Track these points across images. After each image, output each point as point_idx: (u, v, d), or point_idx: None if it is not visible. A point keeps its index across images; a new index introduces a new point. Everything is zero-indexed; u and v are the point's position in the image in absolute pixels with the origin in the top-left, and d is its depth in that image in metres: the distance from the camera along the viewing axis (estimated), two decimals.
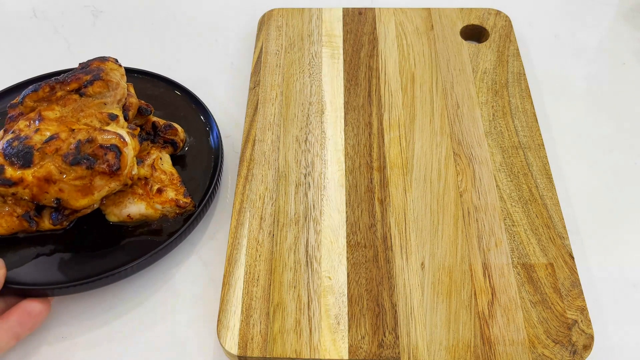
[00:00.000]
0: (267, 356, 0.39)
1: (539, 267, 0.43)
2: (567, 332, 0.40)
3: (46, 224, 0.44)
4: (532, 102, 0.53)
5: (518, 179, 0.48)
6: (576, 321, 0.41)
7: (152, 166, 0.48)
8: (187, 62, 0.58)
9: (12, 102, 0.47)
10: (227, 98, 0.54)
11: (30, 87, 0.46)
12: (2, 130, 0.46)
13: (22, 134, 0.43)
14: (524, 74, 0.55)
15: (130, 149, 0.43)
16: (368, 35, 0.59)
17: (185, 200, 0.46)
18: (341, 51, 0.57)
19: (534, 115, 0.52)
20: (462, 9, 0.61)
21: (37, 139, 0.42)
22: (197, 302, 0.45)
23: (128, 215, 0.45)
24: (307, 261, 0.44)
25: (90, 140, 0.42)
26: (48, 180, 0.41)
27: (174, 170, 0.49)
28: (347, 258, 0.44)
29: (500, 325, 0.40)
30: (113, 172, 0.42)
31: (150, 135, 0.50)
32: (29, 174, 0.41)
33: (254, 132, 0.51)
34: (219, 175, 0.49)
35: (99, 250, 0.44)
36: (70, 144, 0.42)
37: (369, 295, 0.42)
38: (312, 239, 0.45)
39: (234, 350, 0.40)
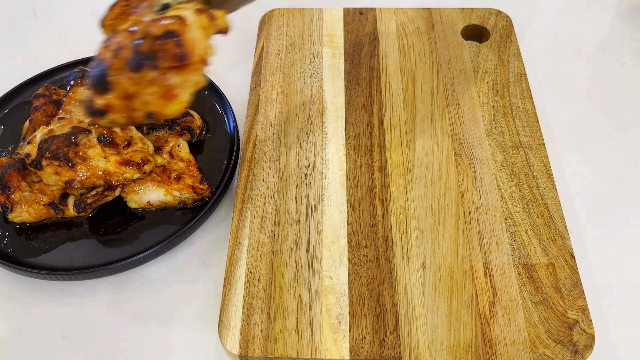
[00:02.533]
0: (268, 356, 0.39)
1: (540, 267, 0.43)
2: (568, 332, 0.40)
3: (71, 211, 0.45)
4: (533, 102, 0.53)
5: (519, 178, 0.48)
6: (577, 321, 0.41)
7: (170, 153, 0.49)
8: None
9: (36, 92, 0.48)
10: (227, 98, 0.54)
11: (108, 6, 0.40)
12: (27, 120, 0.47)
13: (101, 56, 0.38)
14: (525, 74, 0.55)
15: (194, 27, 0.37)
16: (369, 35, 0.59)
17: (201, 186, 0.47)
18: (342, 51, 0.57)
19: (535, 115, 0.52)
20: (463, 9, 0.61)
21: (109, 56, 0.37)
22: (198, 302, 0.45)
23: (148, 202, 0.46)
24: (308, 261, 0.44)
25: (146, 36, 0.36)
26: (128, 97, 0.36)
27: (191, 157, 0.49)
28: (348, 258, 0.44)
29: (502, 325, 0.40)
30: (180, 61, 0.36)
31: (167, 123, 0.50)
32: (113, 98, 0.36)
33: (255, 132, 0.51)
34: (235, 160, 0.50)
35: (119, 237, 0.46)
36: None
37: (370, 295, 0.42)
38: (313, 239, 0.45)
39: (235, 350, 0.40)
